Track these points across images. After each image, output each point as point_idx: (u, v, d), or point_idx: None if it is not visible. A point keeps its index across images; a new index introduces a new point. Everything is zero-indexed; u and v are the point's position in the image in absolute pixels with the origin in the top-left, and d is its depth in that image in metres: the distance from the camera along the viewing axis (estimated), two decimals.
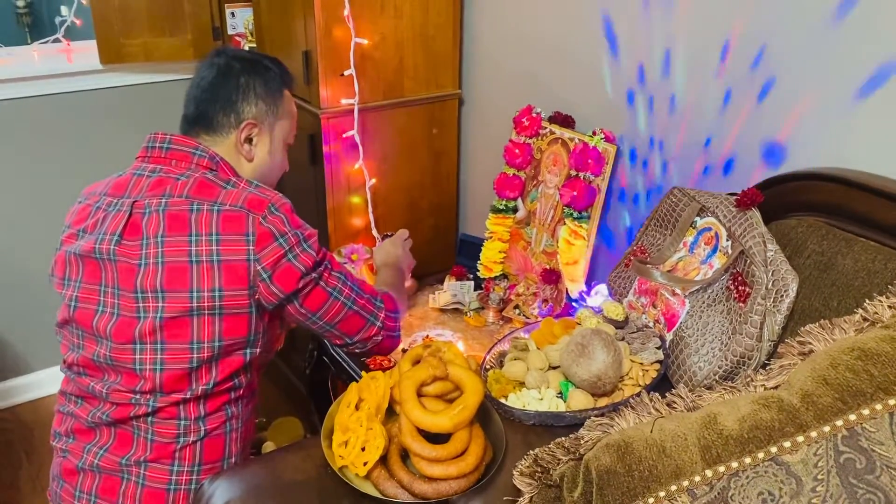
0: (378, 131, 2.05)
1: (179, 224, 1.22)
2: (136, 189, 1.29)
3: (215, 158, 1.32)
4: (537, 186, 1.86)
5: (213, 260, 1.21)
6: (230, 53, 1.39)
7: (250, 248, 1.21)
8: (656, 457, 1.00)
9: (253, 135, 1.37)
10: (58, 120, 2.42)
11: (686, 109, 1.53)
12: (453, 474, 1.10)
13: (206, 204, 1.23)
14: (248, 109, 1.35)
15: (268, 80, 1.37)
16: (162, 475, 1.27)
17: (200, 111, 1.34)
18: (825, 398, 0.96)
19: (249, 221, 1.22)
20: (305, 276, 1.25)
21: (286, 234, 1.23)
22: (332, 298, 1.31)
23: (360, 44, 1.91)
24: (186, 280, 1.21)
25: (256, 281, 1.22)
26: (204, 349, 1.24)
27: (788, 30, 1.31)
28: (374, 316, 1.38)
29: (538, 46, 1.89)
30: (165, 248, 1.22)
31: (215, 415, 1.30)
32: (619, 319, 1.43)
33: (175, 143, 1.32)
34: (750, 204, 1.28)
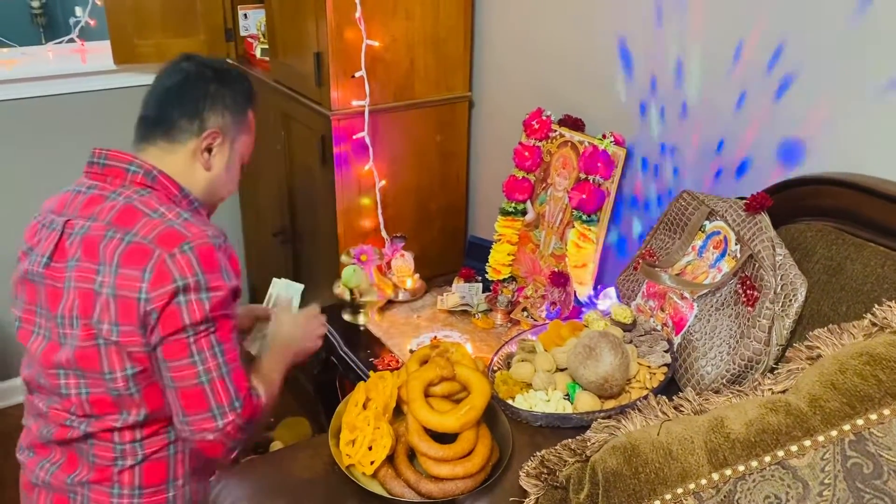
0: (388, 133, 2.05)
1: (91, 251, 1.18)
2: (72, 207, 1.25)
3: (151, 173, 1.25)
4: (546, 189, 1.86)
5: (110, 293, 1.16)
6: (200, 60, 1.33)
7: (144, 285, 1.14)
8: (663, 459, 1.01)
9: (214, 145, 1.31)
10: (71, 119, 2.44)
11: (699, 112, 1.53)
12: (460, 474, 1.10)
13: (120, 233, 1.18)
14: (214, 119, 1.29)
15: (237, 93, 1.33)
16: (103, 497, 1.27)
17: (162, 114, 1.28)
18: (833, 403, 0.96)
19: (154, 257, 1.15)
20: (185, 329, 1.16)
21: (186, 277, 1.15)
22: (190, 360, 1.18)
23: (372, 46, 1.92)
24: (91, 309, 1.17)
25: (147, 320, 1.16)
26: (117, 380, 1.20)
27: (807, 27, 1.29)
28: (220, 411, 1.20)
29: (548, 50, 1.89)
30: (76, 274, 1.19)
31: (154, 438, 1.26)
32: (627, 322, 1.43)
33: (110, 158, 1.26)
34: (759, 208, 1.28)
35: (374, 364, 1.73)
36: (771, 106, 1.38)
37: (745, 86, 1.42)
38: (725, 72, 1.45)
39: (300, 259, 2.38)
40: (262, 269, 2.77)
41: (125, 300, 1.15)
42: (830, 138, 1.30)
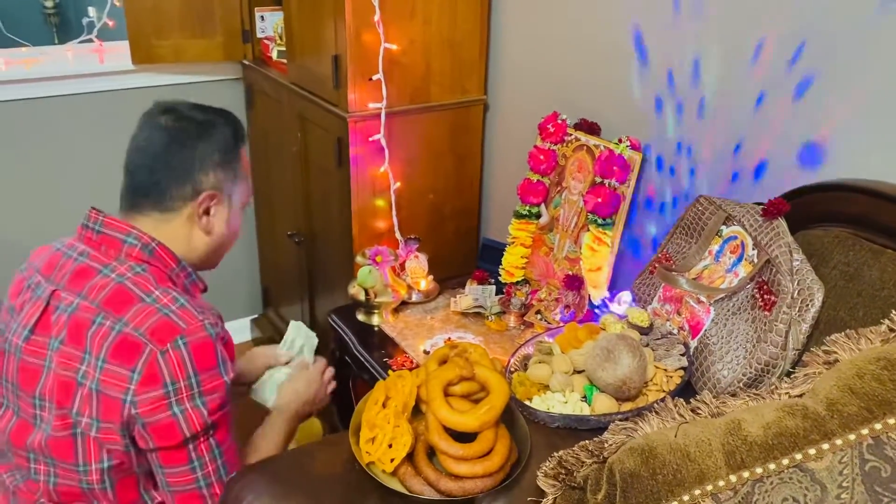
0: (404, 135, 2.07)
1: (78, 335, 1.11)
2: (60, 274, 1.17)
3: (149, 246, 1.18)
4: (561, 193, 1.88)
5: (93, 387, 1.09)
6: (179, 113, 1.23)
7: (132, 386, 1.08)
8: (680, 461, 1.02)
9: (212, 205, 1.23)
10: (89, 119, 2.46)
11: (716, 114, 1.54)
12: (479, 473, 1.12)
13: (110, 320, 1.10)
14: (206, 180, 1.21)
15: (224, 143, 1.23)
16: None
17: (153, 181, 1.19)
18: (851, 407, 0.97)
19: (144, 355, 1.08)
20: (185, 441, 1.12)
21: (178, 381, 1.08)
22: (189, 467, 1.15)
23: (389, 49, 1.93)
24: (70, 399, 1.11)
25: (131, 422, 1.10)
26: (91, 472, 1.14)
27: (829, 24, 1.28)
28: (212, 501, 1.19)
29: (564, 54, 1.91)
30: (58, 357, 1.12)
31: None
32: (643, 325, 1.44)
33: (106, 226, 1.18)
34: (776, 213, 1.29)
35: (388, 364, 1.74)
36: (790, 107, 1.38)
37: (765, 85, 1.43)
38: (744, 72, 1.46)
39: (314, 259, 2.39)
40: (275, 270, 2.78)
41: (109, 398, 1.09)
42: (850, 141, 1.30)
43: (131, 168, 1.22)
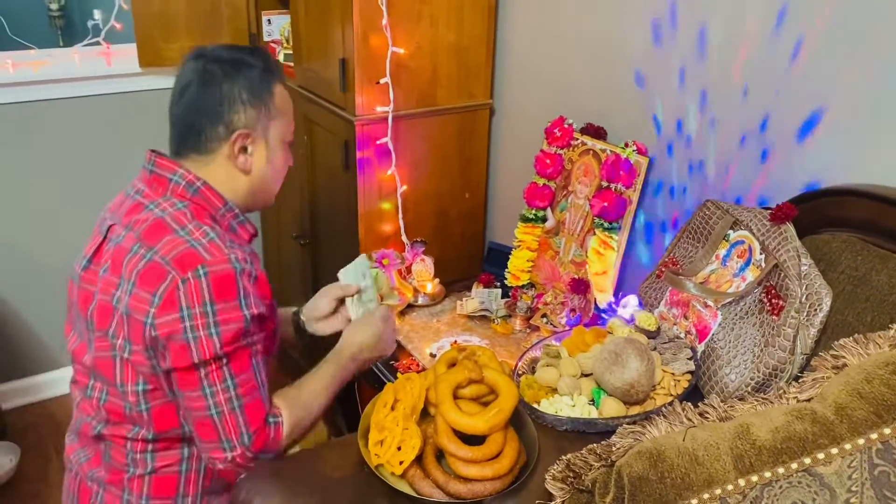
0: (410, 139, 2.08)
1: (117, 263, 1.18)
2: (120, 211, 1.25)
3: (194, 185, 1.22)
4: (567, 197, 1.88)
5: (124, 311, 1.15)
6: (208, 55, 1.24)
7: (152, 309, 1.12)
8: (689, 465, 1.02)
9: (247, 144, 1.25)
10: (97, 121, 2.47)
11: (721, 119, 1.55)
12: (489, 475, 1.12)
13: (144, 249, 1.16)
14: (238, 118, 1.22)
15: (253, 80, 1.23)
16: (115, 500, 1.27)
17: (187, 125, 1.23)
18: (860, 411, 0.97)
19: (166, 281, 1.12)
20: (196, 366, 1.14)
21: (194, 307, 1.11)
22: (200, 392, 1.15)
23: (397, 53, 1.94)
24: (108, 322, 1.18)
25: (154, 345, 1.15)
26: (129, 394, 1.20)
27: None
28: (229, 444, 1.17)
29: (570, 58, 1.91)
30: (101, 284, 1.19)
31: (166, 453, 1.25)
32: (651, 329, 1.44)
33: (157, 165, 1.24)
34: (784, 218, 1.30)
35: (395, 367, 1.74)
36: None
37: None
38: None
39: (320, 261, 2.40)
40: (281, 272, 2.79)
41: (135, 321, 1.14)
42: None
43: (171, 118, 1.26)
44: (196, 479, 1.28)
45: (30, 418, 2.58)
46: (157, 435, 1.23)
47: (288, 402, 1.26)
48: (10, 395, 2.62)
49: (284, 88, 1.30)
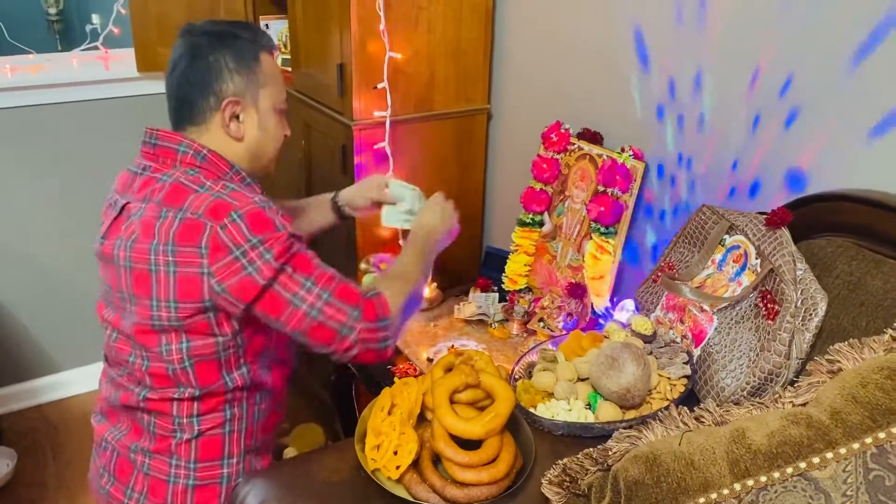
0: (408, 144, 2.08)
1: (147, 231, 1.21)
2: (131, 189, 1.29)
3: (201, 153, 1.27)
4: (564, 201, 1.89)
5: (169, 270, 1.20)
6: (196, 30, 1.30)
7: (204, 260, 1.18)
8: (685, 469, 1.02)
9: (238, 112, 1.30)
10: (95, 126, 2.47)
11: (715, 126, 1.56)
12: (485, 480, 1.12)
13: (173, 211, 1.21)
14: (226, 87, 1.27)
15: (239, 50, 1.28)
16: (163, 466, 1.32)
17: (180, 99, 1.29)
18: (854, 416, 0.97)
19: (206, 232, 1.18)
20: (265, 287, 1.20)
21: (242, 245, 1.17)
22: (293, 306, 1.22)
23: (394, 58, 1.95)
24: (149, 287, 1.22)
25: (212, 294, 1.20)
26: (172, 353, 1.25)
27: (813, 64, 1.34)
28: (346, 328, 1.24)
29: (567, 63, 1.92)
30: (133, 254, 1.23)
31: (211, 415, 1.31)
32: (647, 334, 1.44)
33: (161, 138, 1.28)
34: (779, 223, 1.30)
35: (392, 372, 1.75)
36: (780, 134, 1.42)
37: (759, 110, 1.45)
38: (741, 94, 1.48)
39: None
40: None
41: (187, 277, 1.19)
42: (829, 171, 1.35)
43: (167, 92, 1.31)
44: (239, 440, 1.35)
45: (26, 423, 2.58)
46: (203, 391, 1.28)
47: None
48: (6, 399, 2.62)
49: (272, 58, 1.35)
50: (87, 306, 2.67)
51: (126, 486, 1.34)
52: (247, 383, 1.32)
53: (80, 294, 2.61)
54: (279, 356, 1.40)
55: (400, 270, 1.41)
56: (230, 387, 1.30)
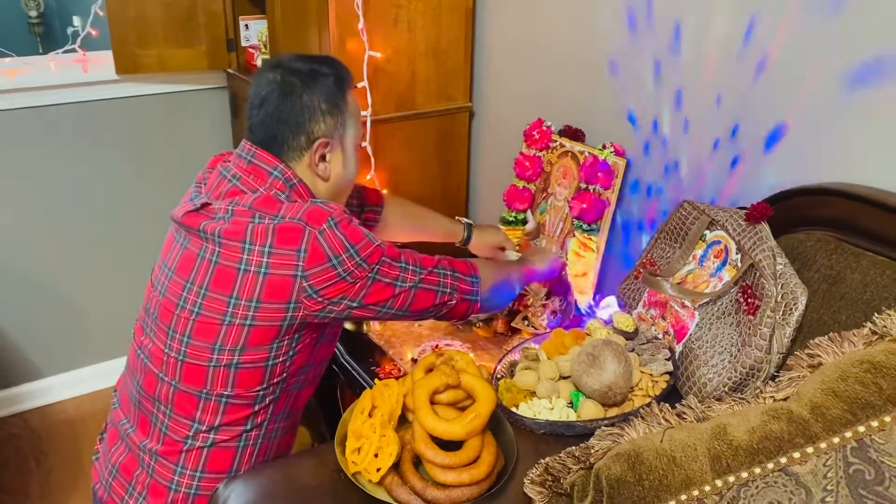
0: (389, 143, 2.07)
1: (237, 232, 1.22)
2: (217, 191, 1.30)
3: (291, 182, 1.29)
4: (547, 199, 1.88)
5: (259, 271, 1.20)
6: (286, 66, 1.30)
7: (300, 263, 1.19)
8: (666, 466, 1.02)
9: (326, 152, 1.32)
10: (73, 129, 2.45)
11: (695, 122, 1.56)
12: (466, 481, 1.11)
13: (267, 217, 1.22)
14: (318, 128, 1.29)
15: (328, 90, 1.30)
16: (167, 472, 1.30)
17: (271, 135, 1.29)
18: (834, 410, 0.97)
19: (305, 235, 1.19)
20: (362, 285, 1.24)
21: (340, 255, 1.20)
22: (398, 287, 1.27)
23: (374, 57, 1.94)
24: (230, 286, 1.22)
25: (301, 297, 1.21)
26: (225, 353, 1.24)
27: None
28: (441, 285, 1.33)
29: (549, 60, 1.91)
30: (222, 249, 1.23)
31: (231, 427, 1.30)
32: (629, 330, 1.44)
33: (258, 157, 1.29)
34: (759, 218, 1.30)
35: (376, 373, 1.73)
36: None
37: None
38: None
39: None
40: None
41: (278, 278, 1.19)
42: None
43: (250, 125, 1.33)
44: (251, 456, 1.34)
45: (9, 430, 2.55)
46: (233, 398, 1.27)
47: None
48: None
49: (354, 94, 1.38)
50: (70, 311, 2.66)
51: (128, 483, 1.33)
52: (276, 398, 1.32)
53: (62, 299, 2.59)
54: (310, 376, 1.40)
55: (488, 267, 1.49)
56: (262, 398, 1.30)
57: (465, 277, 1.38)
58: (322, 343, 1.36)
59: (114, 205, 2.58)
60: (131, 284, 2.41)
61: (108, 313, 2.67)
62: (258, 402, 1.30)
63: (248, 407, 1.30)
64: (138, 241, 2.61)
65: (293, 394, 1.38)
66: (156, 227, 1.85)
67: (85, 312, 2.65)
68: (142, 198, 2.61)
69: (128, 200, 2.60)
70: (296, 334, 1.27)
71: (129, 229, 2.62)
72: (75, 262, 2.58)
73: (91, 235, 2.58)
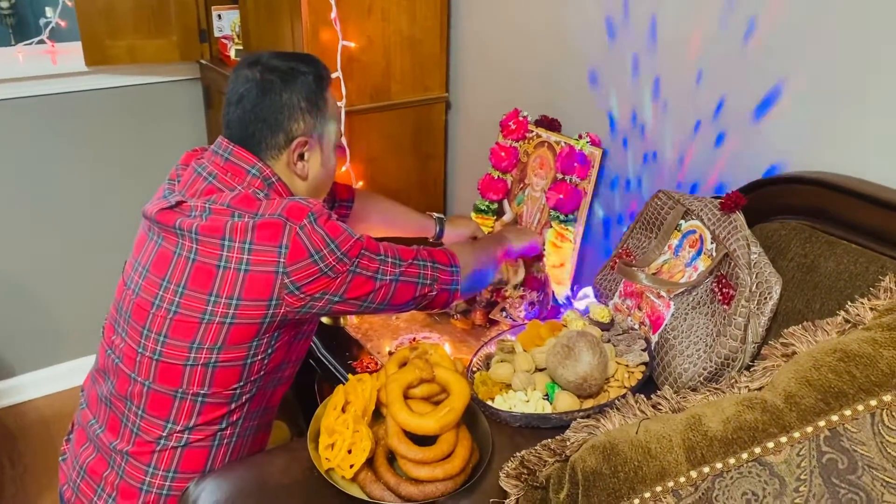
0: (365, 134, 2.05)
1: (215, 229, 1.20)
2: (192, 189, 1.28)
3: (270, 180, 1.27)
4: (524, 189, 1.87)
5: (240, 268, 1.18)
6: (264, 63, 1.28)
7: (281, 259, 1.17)
8: (641, 458, 1.01)
9: (305, 151, 1.30)
10: (42, 122, 2.40)
11: (673, 111, 1.55)
12: (440, 476, 1.10)
13: (247, 215, 1.20)
14: (296, 127, 1.28)
15: (308, 88, 1.28)
16: (138, 473, 1.28)
17: (248, 133, 1.27)
18: (808, 399, 0.97)
19: (286, 231, 1.18)
20: (343, 279, 1.22)
21: (321, 250, 1.18)
22: (378, 281, 1.26)
23: (347, 47, 1.91)
24: (209, 283, 1.19)
25: (282, 293, 1.19)
26: (203, 352, 1.22)
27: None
28: (421, 277, 1.32)
29: (525, 49, 1.90)
30: (200, 247, 1.20)
31: (206, 426, 1.28)
32: (604, 321, 1.43)
33: (235, 155, 1.27)
34: (734, 207, 1.30)
35: (353, 366, 1.72)
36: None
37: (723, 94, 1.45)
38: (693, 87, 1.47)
39: None
40: None
41: (259, 275, 1.18)
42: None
43: (227, 122, 1.30)
44: (224, 455, 1.32)
45: None
46: (209, 397, 1.25)
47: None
48: None
49: (332, 93, 1.36)
50: (41, 309, 2.62)
51: (97, 485, 1.31)
52: (252, 396, 1.31)
53: (31, 295, 2.54)
54: (285, 374, 1.39)
55: (463, 250, 1.47)
56: (238, 396, 1.28)
57: (444, 268, 1.36)
58: (298, 340, 1.34)
59: (84, 199, 2.54)
60: (103, 280, 2.37)
61: (79, 309, 2.63)
62: (234, 401, 1.28)
63: (225, 406, 1.28)
64: (110, 236, 2.57)
65: (269, 392, 1.36)
66: (127, 223, 1.82)
67: (56, 308, 2.61)
68: (113, 192, 2.57)
69: (99, 195, 2.55)
70: (275, 332, 1.25)
71: (101, 224, 2.58)
72: (45, 258, 2.53)
73: (61, 230, 2.53)
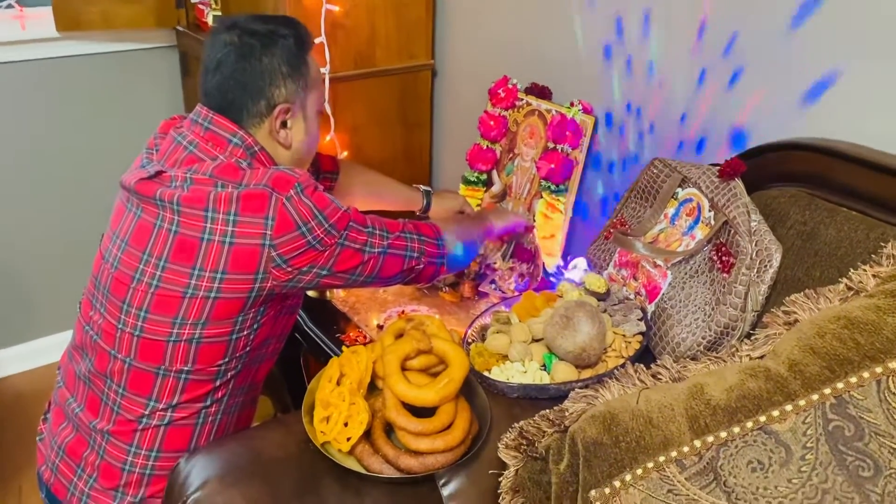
0: (349, 102, 2.00)
1: (198, 200, 1.15)
2: (171, 159, 1.23)
3: (252, 149, 1.23)
4: (513, 160, 1.84)
5: (224, 241, 1.14)
6: (242, 27, 1.23)
7: (268, 231, 1.14)
8: (643, 428, 1.00)
9: (287, 118, 1.26)
10: (11, 90, 2.31)
11: (663, 81, 1.52)
12: (440, 448, 1.09)
13: (230, 185, 1.16)
14: (278, 93, 1.23)
15: (289, 52, 1.23)
16: (119, 452, 1.25)
17: (228, 101, 1.22)
18: (812, 367, 0.96)
19: (272, 202, 1.14)
20: (331, 252, 1.20)
21: (309, 222, 1.15)
22: (366, 254, 1.23)
23: (331, 11, 1.86)
24: (193, 256, 1.15)
25: (269, 267, 1.16)
26: (186, 328, 1.19)
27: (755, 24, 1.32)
28: (409, 249, 1.30)
29: (513, 13, 1.86)
30: (182, 218, 1.16)
31: (190, 404, 1.25)
32: (600, 292, 1.42)
33: (216, 124, 1.22)
34: (733, 174, 1.28)
35: (341, 340, 1.69)
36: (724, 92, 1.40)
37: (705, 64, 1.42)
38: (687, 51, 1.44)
39: None
40: None
41: (245, 248, 1.14)
42: (766, 130, 1.34)
43: (205, 89, 1.25)
44: (209, 433, 1.29)
45: None
46: (193, 374, 1.22)
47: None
48: None
49: (315, 58, 1.31)
50: (14, 282, 2.55)
51: (76, 465, 1.27)
52: (237, 373, 1.28)
53: (6, 270, 2.47)
54: (269, 350, 1.36)
55: (453, 226, 1.47)
56: (223, 373, 1.25)
57: (431, 240, 1.34)
58: (284, 315, 1.31)
59: (58, 170, 2.46)
60: (78, 252, 2.32)
61: (55, 283, 2.56)
62: (219, 378, 1.25)
63: (209, 383, 1.25)
64: (86, 208, 2.50)
65: (254, 368, 1.33)
66: (104, 194, 1.76)
67: (30, 282, 2.54)
68: (87, 163, 2.49)
69: (72, 165, 2.48)
70: (261, 307, 1.22)
71: (76, 196, 2.51)
72: (17, 231, 2.46)
73: (34, 202, 2.46)
